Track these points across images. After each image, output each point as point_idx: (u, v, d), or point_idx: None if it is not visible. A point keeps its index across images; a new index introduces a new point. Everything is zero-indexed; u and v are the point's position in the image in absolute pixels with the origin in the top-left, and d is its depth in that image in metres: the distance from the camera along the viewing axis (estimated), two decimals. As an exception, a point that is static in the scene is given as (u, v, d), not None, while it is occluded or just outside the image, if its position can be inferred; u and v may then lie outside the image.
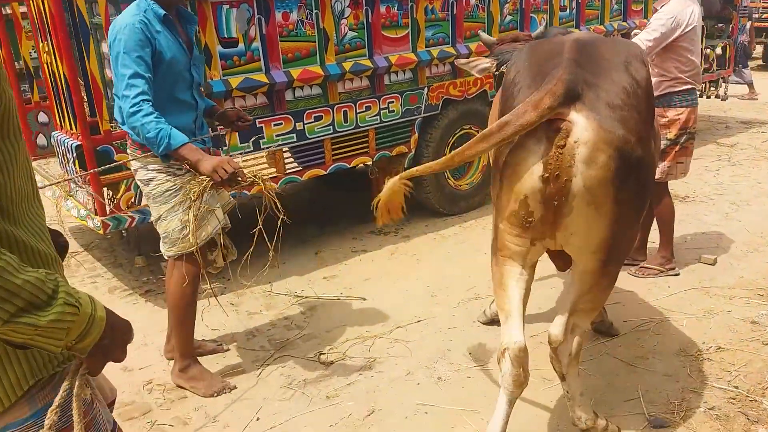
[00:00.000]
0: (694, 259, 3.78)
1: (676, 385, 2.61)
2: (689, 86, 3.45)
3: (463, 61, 3.03)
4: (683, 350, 2.86)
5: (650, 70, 3.40)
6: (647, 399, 2.53)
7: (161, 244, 2.63)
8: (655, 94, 3.45)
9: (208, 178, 2.31)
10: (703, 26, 6.72)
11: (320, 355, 2.95)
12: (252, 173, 2.34)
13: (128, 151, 2.63)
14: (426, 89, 4.38)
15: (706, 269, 3.66)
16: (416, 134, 4.42)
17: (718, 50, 7.02)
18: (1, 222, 1.01)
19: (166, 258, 2.66)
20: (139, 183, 2.63)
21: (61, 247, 1.58)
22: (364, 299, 3.50)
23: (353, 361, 2.90)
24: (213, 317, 3.21)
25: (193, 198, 2.36)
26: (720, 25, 7.02)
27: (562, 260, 2.31)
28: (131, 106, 2.32)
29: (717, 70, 6.99)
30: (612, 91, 1.82)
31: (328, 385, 2.72)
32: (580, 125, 1.76)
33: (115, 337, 1.08)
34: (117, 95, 2.41)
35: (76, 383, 1.08)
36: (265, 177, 2.41)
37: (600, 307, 2.29)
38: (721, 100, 7.12)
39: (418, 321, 3.23)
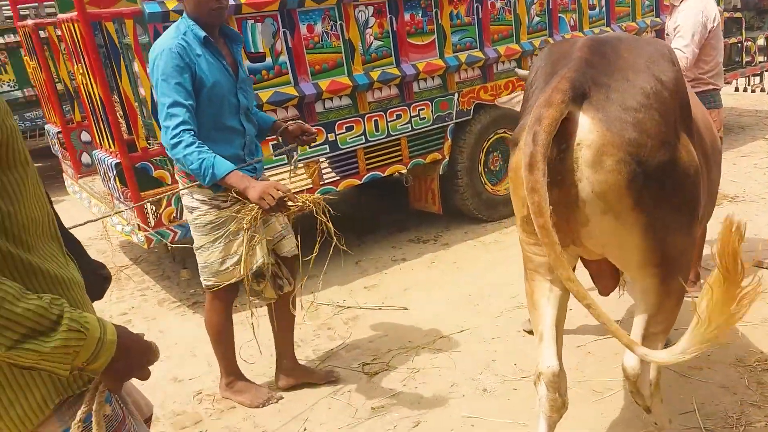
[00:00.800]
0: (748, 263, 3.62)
1: (733, 398, 2.50)
2: (711, 87, 3.24)
3: (504, 99, 2.92)
4: (740, 360, 2.74)
5: None
6: (703, 412, 2.43)
7: (200, 272, 2.56)
8: None
9: (258, 206, 2.24)
10: (741, 18, 6.55)
11: (364, 365, 2.94)
12: (303, 198, 2.24)
13: (176, 175, 2.61)
14: (456, 95, 4.33)
15: (762, 273, 3.51)
16: (449, 140, 4.38)
17: (760, 42, 6.78)
18: (12, 248, 1.04)
19: (203, 287, 2.60)
20: (185, 207, 2.58)
21: (103, 278, 1.61)
22: (406, 309, 3.47)
23: (397, 372, 2.87)
24: (260, 331, 3.21)
25: (245, 227, 2.29)
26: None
27: (602, 282, 2.20)
28: (171, 138, 2.23)
29: (760, 62, 6.74)
30: (627, 92, 1.69)
31: (373, 396, 2.71)
32: (585, 127, 1.64)
33: (130, 359, 1.10)
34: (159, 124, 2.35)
35: (95, 400, 1.10)
36: (317, 199, 2.30)
37: (671, 327, 2.07)
38: (767, 93, 6.86)
39: (461, 331, 3.19)
